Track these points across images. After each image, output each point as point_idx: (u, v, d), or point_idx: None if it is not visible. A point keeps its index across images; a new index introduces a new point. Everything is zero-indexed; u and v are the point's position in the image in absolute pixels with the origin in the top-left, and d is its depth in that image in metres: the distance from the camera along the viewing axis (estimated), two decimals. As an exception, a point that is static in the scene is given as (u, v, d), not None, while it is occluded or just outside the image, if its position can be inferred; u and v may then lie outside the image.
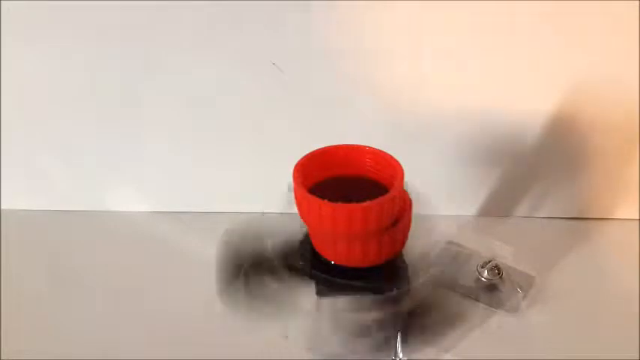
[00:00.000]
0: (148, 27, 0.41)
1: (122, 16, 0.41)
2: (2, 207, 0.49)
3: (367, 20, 0.40)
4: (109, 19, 0.41)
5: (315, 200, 0.29)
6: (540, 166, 0.45)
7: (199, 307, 0.38)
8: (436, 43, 0.40)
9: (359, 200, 0.28)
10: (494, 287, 0.38)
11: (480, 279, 0.38)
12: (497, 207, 0.47)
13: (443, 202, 0.46)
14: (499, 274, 0.38)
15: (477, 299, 0.38)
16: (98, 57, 0.42)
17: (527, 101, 0.42)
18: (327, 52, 0.41)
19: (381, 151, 0.32)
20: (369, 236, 0.30)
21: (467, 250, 0.40)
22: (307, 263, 0.33)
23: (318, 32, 0.40)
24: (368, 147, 0.32)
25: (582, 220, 0.47)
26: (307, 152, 0.32)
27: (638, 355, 0.35)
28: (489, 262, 0.39)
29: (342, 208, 0.28)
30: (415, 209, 0.32)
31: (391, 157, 0.31)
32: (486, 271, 0.38)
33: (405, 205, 0.31)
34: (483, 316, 0.37)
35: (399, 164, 0.31)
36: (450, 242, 0.40)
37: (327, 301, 0.32)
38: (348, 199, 0.28)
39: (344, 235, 0.30)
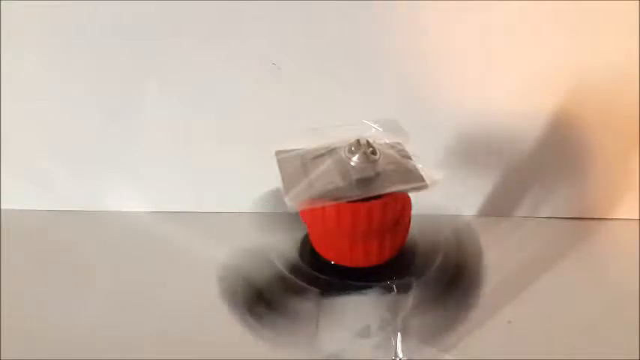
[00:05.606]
0: (147, 28, 0.41)
1: (122, 17, 0.41)
2: (2, 207, 0.49)
3: (366, 20, 0.40)
4: (109, 19, 0.41)
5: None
6: (540, 166, 0.45)
7: (199, 306, 0.38)
8: (436, 43, 0.40)
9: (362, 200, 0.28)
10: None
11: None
12: (498, 207, 0.47)
13: (443, 202, 0.46)
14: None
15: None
16: (98, 57, 0.42)
17: (527, 101, 0.42)
18: (327, 54, 0.41)
19: None
20: (371, 236, 0.30)
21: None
22: (306, 264, 0.32)
23: (317, 32, 0.41)
24: None
25: (582, 220, 0.47)
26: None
27: (638, 355, 0.35)
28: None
29: (346, 207, 0.28)
30: (415, 209, 0.32)
31: None
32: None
33: (405, 205, 0.31)
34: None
35: None
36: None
37: (327, 302, 0.32)
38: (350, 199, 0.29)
39: (347, 234, 0.30)
